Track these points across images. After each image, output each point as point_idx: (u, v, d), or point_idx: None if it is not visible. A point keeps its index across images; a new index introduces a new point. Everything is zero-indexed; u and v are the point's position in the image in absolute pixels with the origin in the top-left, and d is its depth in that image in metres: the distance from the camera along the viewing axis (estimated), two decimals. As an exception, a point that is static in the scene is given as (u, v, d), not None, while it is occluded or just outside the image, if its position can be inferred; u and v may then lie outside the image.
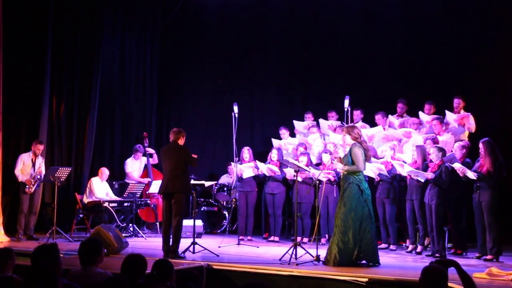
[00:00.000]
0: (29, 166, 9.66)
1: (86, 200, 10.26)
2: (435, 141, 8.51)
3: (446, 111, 9.22)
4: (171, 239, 7.77)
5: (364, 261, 7.11)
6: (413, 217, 8.49)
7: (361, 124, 10.02)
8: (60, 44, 10.77)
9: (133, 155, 11.40)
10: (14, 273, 4.59)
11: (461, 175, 7.86)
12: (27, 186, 9.58)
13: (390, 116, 9.83)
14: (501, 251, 7.72)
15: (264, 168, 9.72)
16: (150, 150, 11.45)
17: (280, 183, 9.83)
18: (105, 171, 10.54)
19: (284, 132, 10.61)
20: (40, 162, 9.75)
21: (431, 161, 8.23)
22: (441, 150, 8.16)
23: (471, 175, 7.77)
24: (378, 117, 9.82)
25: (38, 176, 9.64)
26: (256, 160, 9.92)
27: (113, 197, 10.56)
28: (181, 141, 8.03)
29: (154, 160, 11.48)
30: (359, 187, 7.16)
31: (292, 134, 10.77)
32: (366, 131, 9.69)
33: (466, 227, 8.46)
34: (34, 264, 4.43)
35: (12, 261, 4.74)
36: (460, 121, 9.13)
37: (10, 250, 4.87)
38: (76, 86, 11.04)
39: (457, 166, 7.87)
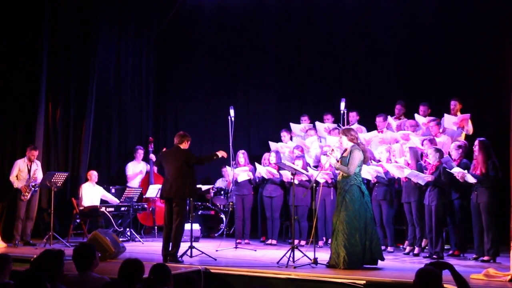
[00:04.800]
0: (25, 172, 9.64)
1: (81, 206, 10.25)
2: (432, 142, 8.51)
3: (445, 115, 9.21)
4: (171, 244, 7.73)
5: (371, 265, 7.14)
6: (411, 219, 8.50)
7: (357, 126, 10.03)
8: (56, 49, 10.75)
9: (135, 158, 11.49)
10: (11, 279, 4.59)
11: (460, 180, 7.85)
12: (22, 194, 9.56)
13: (388, 117, 9.84)
14: (498, 252, 7.72)
15: (263, 171, 9.72)
16: (153, 158, 11.47)
17: (278, 186, 9.83)
18: (93, 173, 10.52)
19: (284, 135, 10.61)
20: (35, 168, 9.72)
21: (428, 163, 8.24)
22: (438, 151, 8.17)
23: (471, 179, 7.76)
24: (379, 120, 9.80)
25: (33, 183, 9.62)
26: (256, 163, 9.91)
27: (111, 197, 10.56)
28: (184, 145, 7.98)
29: (155, 168, 11.49)
30: (360, 189, 7.19)
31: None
32: (363, 135, 9.71)
33: (465, 229, 8.46)
34: (32, 269, 4.42)
35: (9, 267, 4.74)
36: (460, 123, 9.10)
37: (7, 256, 4.86)
38: (72, 91, 11.02)
39: (456, 171, 7.85)
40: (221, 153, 8.12)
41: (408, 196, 8.46)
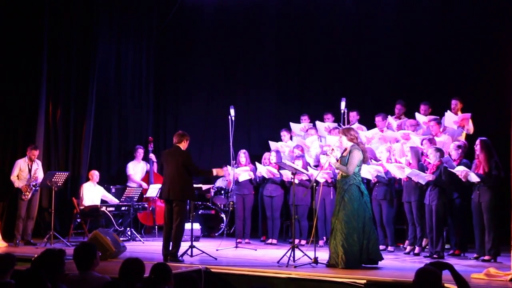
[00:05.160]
0: (25, 172, 9.65)
1: (81, 205, 10.23)
2: (432, 142, 8.51)
3: (446, 113, 9.20)
4: (171, 244, 7.73)
5: (369, 265, 7.13)
6: (411, 218, 8.50)
7: (357, 125, 10.04)
8: (56, 49, 10.75)
9: (135, 157, 11.51)
10: (12, 279, 4.59)
11: (463, 179, 7.83)
12: (23, 193, 9.57)
13: (389, 117, 9.85)
14: (499, 251, 7.72)
15: (263, 170, 9.72)
16: (153, 158, 11.50)
17: (278, 186, 9.83)
18: (95, 173, 10.53)
19: (284, 134, 10.62)
20: (36, 168, 9.73)
21: (429, 163, 8.24)
22: (439, 150, 8.16)
23: (474, 178, 7.74)
24: (378, 119, 9.82)
25: (34, 183, 9.62)
26: (256, 162, 9.92)
27: (111, 198, 10.57)
28: (184, 145, 7.96)
29: (154, 167, 11.54)
30: (359, 188, 7.18)
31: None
32: (364, 133, 9.72)
33: (466, 228, 8.45)
34: (33, 268, 4.43)
35: (13, 267, 4.75)
36: (460, 123, 9.09)
37: (12, 257, 4.88)
38: (72, 90, 11.02)
39: (459, 169, 7.84)
40: (216, 172, 8.11)
41: (408, 196, 8.46)
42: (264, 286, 6.26)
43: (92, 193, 10.39)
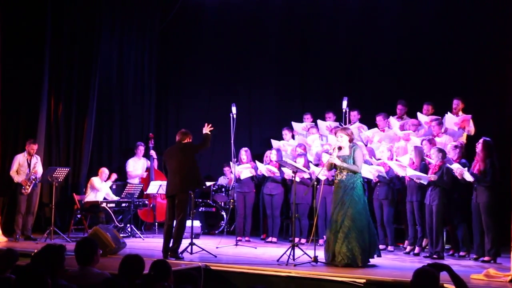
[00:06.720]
0: (24, 166, 9.65)
1: (88, 199, 10.24)
2: (431, 142, 8.51)
3: (446, 114, 9.20)
4: (172, 240, 7.74)
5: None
6: (413, 218, 8.50)
7: (358, 124, 10.03)
8: (58, 45, 10.76)
9: (135, 154, 11.52)
10: (12, 274, 4.60)
11: (458, 176, 7.86)
12: (23, 187, 9.57)
13: (390, 117, 9.83)
14: (499, 252, 7.71)
15: (263, 169, 9.72)
16: (153, 155, 11.50)
17: (279, 184, 9.83)
18: (104, 171, 10.55)
19: (286, 133, 10.63)
20: (35, 162, 9.73)
21: (429, 163, 8.23)
22: (441, 151, 8.16)
23: (468, 176, 7.76)
24: (379, 119, 9.81)
25: (33, 176, 9.62)
26: (256, 161, 9.91)
27: (113, 197, 10.57)
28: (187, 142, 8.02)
29: (155, 164, 11.55)
30: (364, 186, 7.27)
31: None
32: (365, 132, 9.71)
33: (466, 229, 8.44)
34: (33, 264, 4.44)
35: (15, 263, 4.76)
36: (461, 124, 9.08)
37: (16, 252, 4.89)
38: (74, 87, 11.03)
39: (455, 166, 7.87)
40: (206, 129, 8.16)
41: (411, 195, 8.46)
42: (264, 284, 6.26)
43: (102, 188, 10.42)
